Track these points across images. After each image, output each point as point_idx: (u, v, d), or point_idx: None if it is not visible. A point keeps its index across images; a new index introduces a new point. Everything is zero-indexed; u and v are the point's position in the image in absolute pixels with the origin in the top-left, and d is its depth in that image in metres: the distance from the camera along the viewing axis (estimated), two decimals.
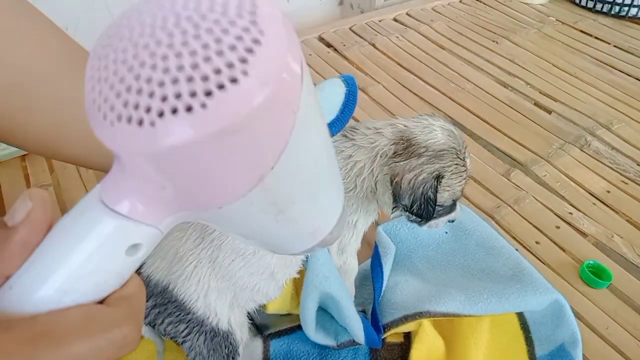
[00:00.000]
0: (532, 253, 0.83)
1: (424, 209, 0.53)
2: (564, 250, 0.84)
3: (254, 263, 0.52)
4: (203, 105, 0.20)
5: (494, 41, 1.45)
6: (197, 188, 0.24)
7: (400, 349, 0.66)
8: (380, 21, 1.52)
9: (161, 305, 0.51)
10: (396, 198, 0.54)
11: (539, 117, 1.15)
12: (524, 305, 0.64)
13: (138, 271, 0.51)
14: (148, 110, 0.20)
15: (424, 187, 0.52)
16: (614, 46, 1.46)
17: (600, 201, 0.94)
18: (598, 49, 1.44)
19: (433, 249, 0.78)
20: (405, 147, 0.53)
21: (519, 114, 1.15)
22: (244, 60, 0.20)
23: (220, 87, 0.20)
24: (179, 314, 0.51)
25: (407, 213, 0.57)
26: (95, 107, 0.22)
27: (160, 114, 0.20)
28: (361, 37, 1.43)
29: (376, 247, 0.73)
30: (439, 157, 0.52)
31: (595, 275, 0.78)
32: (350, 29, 1.47)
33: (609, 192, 0.96)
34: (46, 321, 0.23)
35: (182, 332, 0.52)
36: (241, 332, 0.56)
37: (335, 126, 0.53)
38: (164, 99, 0.20)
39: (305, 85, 0.23)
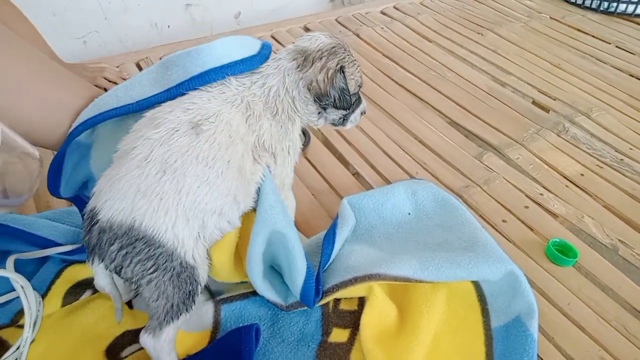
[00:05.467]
0: (498, 231, 0.82)
1: (344, 100, 0.61)
2: (531, 229, 0.83)
3: (219, 185, 0.54)
4: None
5: (478, 33, 1.45)
6: None
7: (352, 316, 0.65)
8: (366, 13, 1.53)
9: (128, 245, 0.51)
10: (320, 100, 0.61)
11: (518, 104, 1.14)
12: (476, 273, 0.63)
13: (96, 218, 0.51)
14: None
15: (336, 79, 0.60)
16: (600, 40, 1.46)
17: (574, 184, 0.93)
18: (584, 42, 1.44)
19: (394, 226, 0.77)
20: (305, 58, 0.60)
21: (498, 101, 1.15)
22: None
23: None
24: (148, 250, 0.51)
25: (332, 114, 0.64)
26: None
27: None
28: (346, 27, 1.44)
29: (336, 217, 0.73)
30: (333, 54, 0.61)
31: (561, 253, 0.77)
32: (336, 20, 1.48)
33: (583, 175, 0.95)
34: None
35: (150, 269, 0.52)
36: (203, 270, 0.56)
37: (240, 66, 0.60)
38: None
39: None
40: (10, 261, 0.63)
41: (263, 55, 0.64)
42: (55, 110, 0.63)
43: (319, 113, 0.63)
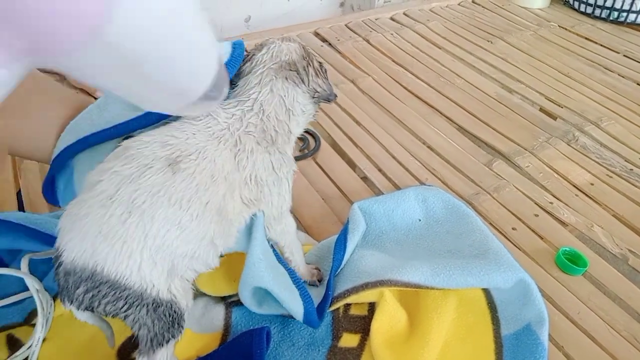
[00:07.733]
0: (507, 239, 0.82)
1: (332, 90, 0.65)
2: (541, 238, 0.83)
3: (193, 229, 0.50)
4: None
5: (488, 41, 1.45)
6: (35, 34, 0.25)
7: (362, 322, 0.65)
8: (376, 19, 1.54)
9: (93, 289, 0.48)
10: (328, 100, 0.64)
11: (527, 113, 1.14)
12: (487, 281, 0.64)
13: (60, 260, 0.49)
14: None
15: (327, 76, 0.64)
16: (609, 49, 1.46)
17: (583, 193, 0.93)
18: (593, 52, 1.44)
19: (404, 233, 0.78)
20: (296, 71, 0.60)
21: (507, 109, 1.15)
22: None
23: None
24: (115, 293, 0.48)
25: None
26: None
27: None
28: (356, 33, 1.45)
29: (347, 222, 0.73)
30: (309, 55, 0.62)
31: (571, 262, 0.77)
32: (346, 25, 1.49)
33: (592, 184, 0.95)
34: None
35: (122, 307, 0.49)
36: (186, 299, 0.54)
37: None
38: None
39: None
40: (24, 261, 0.64)
41: (239, 54, 0.61)
42: (40, 125, 0.62)
43: (316, 111, 0.65)
